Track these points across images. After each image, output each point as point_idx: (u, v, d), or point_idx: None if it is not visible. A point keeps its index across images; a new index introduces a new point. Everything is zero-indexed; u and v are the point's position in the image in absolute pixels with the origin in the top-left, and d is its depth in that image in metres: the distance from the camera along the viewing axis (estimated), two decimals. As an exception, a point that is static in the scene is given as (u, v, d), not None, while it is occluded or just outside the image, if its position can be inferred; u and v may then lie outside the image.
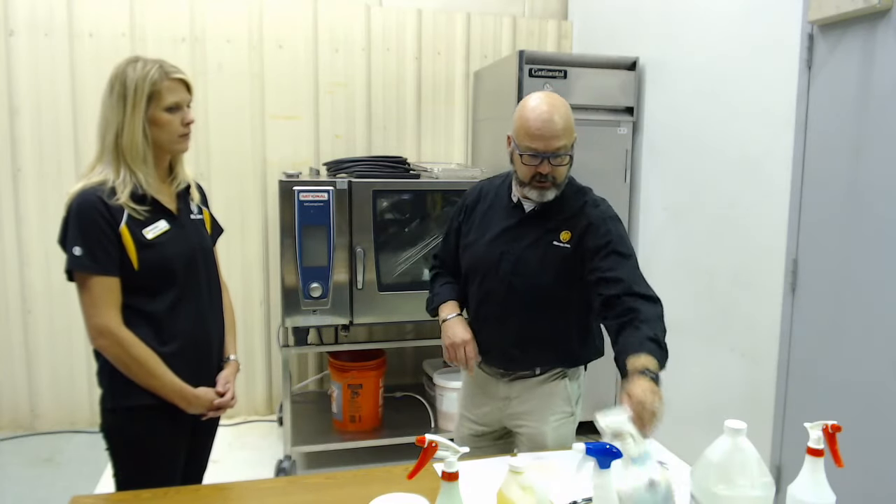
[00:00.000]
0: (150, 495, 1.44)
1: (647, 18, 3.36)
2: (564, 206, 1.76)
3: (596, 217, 1.73)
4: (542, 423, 1.84)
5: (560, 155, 1.66)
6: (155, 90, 1.55)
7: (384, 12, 3.79)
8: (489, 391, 1.91)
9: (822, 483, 1.15)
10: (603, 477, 1.19)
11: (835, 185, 2.22)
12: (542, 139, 1.64)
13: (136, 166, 1.55)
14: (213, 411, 1.67)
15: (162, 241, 1.58)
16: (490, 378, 1.90)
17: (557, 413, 1.86)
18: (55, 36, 3.38)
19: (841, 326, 2.20)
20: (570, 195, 1.78)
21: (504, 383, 1.87)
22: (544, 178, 1.68)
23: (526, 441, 1.86)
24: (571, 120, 1.69)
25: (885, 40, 2.03)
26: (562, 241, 1.73)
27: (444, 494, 1.13)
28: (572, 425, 1.90)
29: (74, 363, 3.56)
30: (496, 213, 1.84)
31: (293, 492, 1.52)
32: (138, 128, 1.54)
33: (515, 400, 1.86)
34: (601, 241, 1.68)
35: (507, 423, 1.91)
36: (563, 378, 1.86)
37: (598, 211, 1.75)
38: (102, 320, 1.51)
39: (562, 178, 1.72)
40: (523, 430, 1.87)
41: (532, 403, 1.85)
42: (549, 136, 1.64)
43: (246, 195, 3.67)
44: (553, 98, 1.69)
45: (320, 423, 3.36)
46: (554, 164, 1.66)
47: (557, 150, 1.65)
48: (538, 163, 1.66)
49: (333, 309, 3.01)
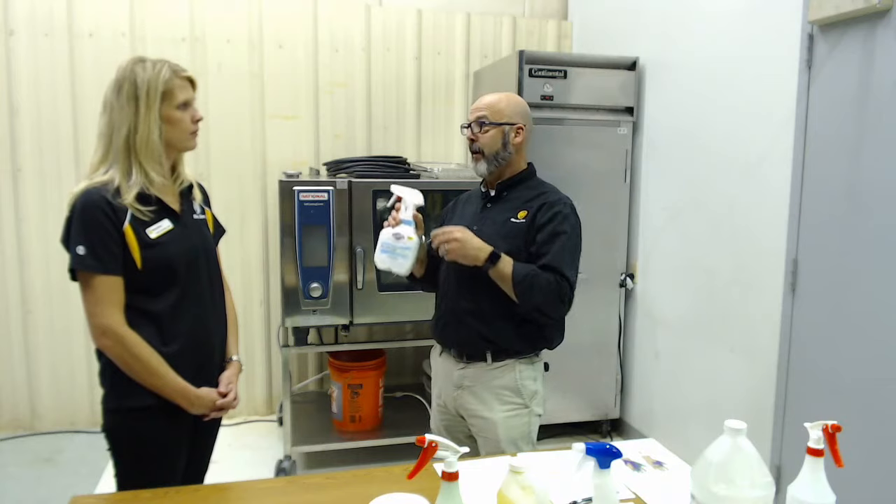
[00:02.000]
0: (150, 495, 1.44)
1: (646, 18, 3.37)
2: (524, 192, 1.95)
3: (551, 199, 1.91)
4: (492, 412, 1.90)
5: (482, 123, 1.90)
6: (168, 88, 1.56)
7: (384, 12, 3.79)
8: (447, 379, 2.00)
9: (822, 483, 1.15)
10: (603, 477, 1.19)
11: (835, 184, 2.22)
12: (472, 111, 1.95)
13: (149, 165, 1.55)
14: (215, 412, 1.67)
15: (165, 240, 1.58)
16: (448, 365, 2.00)
17: (507, 404, 1.91)
18: (55, 36, 3.38)
19: (841, 326, 2.21)
20: (532, 186, 1.97)
21: (458, 370, 1.95)
22: (473, 146, 1.93)
23: (477, 430, 1.95)
24: (509, 105, 1.92)
25: (885, 40, 2.03)
26: (518, 218, 1.90)
27: (444, 494, 1.13)
28: (525, 419, 1.93)
29: (74, 363, 3.56)
30: (471, 204, 2.06)
31: (293, 492, 1.51)
32: (154, 126, 1.55)
33: (468, 389, 1.94)
34: (546, 218, 1.86)
35: (462, 412, 1.98)
36: (513, 368, 1.92)
37: (555, 196, 1.93)
38: (105, 320, 1.51)
39: (488, 149, 1.90)
40: (474, 419, 1.94)
41: (482, 394, 1.92)
42: (475, 108, 1.93)
43: (246, 195, 3.67)
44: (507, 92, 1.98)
45: (320, 423, 3.36)
46: (477, 131, 1.90)
47: (479, 119, 1.90)
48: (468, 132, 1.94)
49: (333, 309, 3.01)
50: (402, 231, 1.81)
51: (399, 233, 1.81)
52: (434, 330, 2.04)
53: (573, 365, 3.37)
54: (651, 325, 3.37)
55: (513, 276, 1.79)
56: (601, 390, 3.56)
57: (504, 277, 1.79)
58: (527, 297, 1.80)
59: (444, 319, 1.98)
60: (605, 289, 3.46)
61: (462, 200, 2.13)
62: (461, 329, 1.92)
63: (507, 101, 1.93)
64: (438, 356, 2.06)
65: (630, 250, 3.47)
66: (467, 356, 1.94)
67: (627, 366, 3.57)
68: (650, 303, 3.38)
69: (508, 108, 1.91)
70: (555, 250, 1.83)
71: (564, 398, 3.45)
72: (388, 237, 1.82)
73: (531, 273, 1.79)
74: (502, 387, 1.91)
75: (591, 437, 3.54)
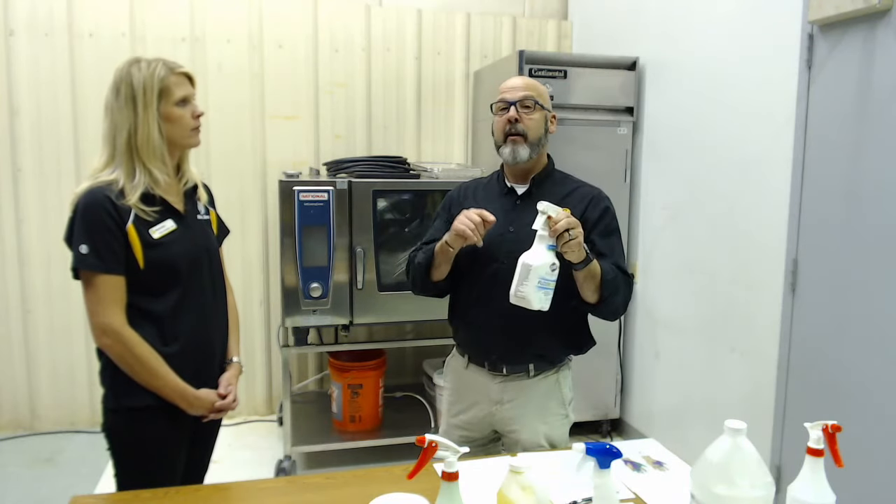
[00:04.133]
0: (150, 495, 1.44)
1: (646, 18, 3.37)
2: (556, 188, 1.81)
3: (595, 193, 1.82)
4: (536, 426, 1.80)
5: (527, 104, 1.75)
6: (164, 86, 1.56)
7: (384, 12, 3.79)
8: (480, 393, 1.85)
9: (822, 483, 1.15)
10: (603, 477, 1.19)
11: (835, 184, 2.22)
12: (510, 90, 1.78)
13: (152, 165, 1.55)
14: (214, 413, 1.66)
15: (168, 240, 1.58)
16: (480, 379, 1.85)
17: (551, 415, 1.83)
18: (55, 36, 3.38)
19: (841, 326, 2.21)
20: (559, 180, 1.85)
21: (496, 384, 1.82)
22: (515, 128, 1.75)
23: (521, 445, 1.80)
24: (540, 87, 1.80)
25: (886, 40, 2.03)
26: None
27: (444, 494, 1.13)
28: (566, 427, 1.88)
29: (74, 363, 3.56)
30: (490, 201, 1.83)
31: (293, 492, 1.51)
32: (153, 126, 1.54)
33: (509, 404, 1.81)
34: (598, 215, 1.77)
35: (500, 428, 1.86)
36: (556, 379, 1.84)
37: (594, 190, 1.83)
38: (106, 319, 1.51)
39: (534, 134, 1.76)
40: (518, 435, 1.81)
41: (527, 407, 1.81)
42: (516, 87, 1.77)
43: (246, 195, 3.67)
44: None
45: (320, 423, 3.36)
46: (522, 112, 1.75)
47: (524, 99, 1.75)
48: (507, 110, 1.76)
49: (333, 309, 3.01)
50: (556, 260, 1.56)
51: (555, 263, 1.55)
52: (463, 340, 1.89)
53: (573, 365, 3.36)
54: (651, 325, 3.37)
55: (603, 275, 1.64)
56: (601, 390, 3.56)
57: (595, 276, 1.64)
58: (612, 298, 1.68)
59: (480, 330, 1.80)
60: (605, 289, 3.45)
61: (471, 193, 1.91)
62: (502, 340, 1.77)
63: (536, 83, 1.80)
64: (464, 369, 1.88)
65: (630, 250, 3.46)
66: (508, 370, 1.80)
67: (627, 366, 3.57)
68: (650, 303, 3.37)
69: (546, 95, 1.81)
70: (616, 249, 1.75)
71: (564, 398, 3.44)
72: (546, 271, 1.54)
73: (616, 272, 1.69)
74: (546, 397, 1.82)
75: (592, 437, 3.53)
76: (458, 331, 1.90)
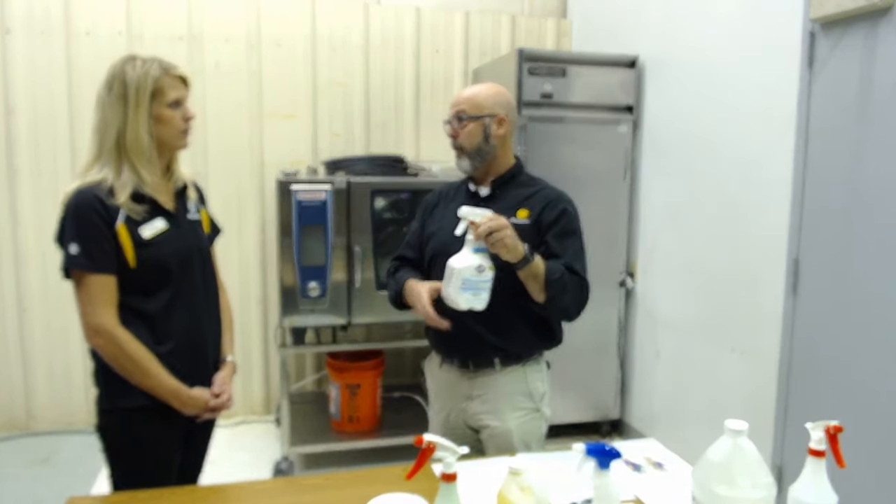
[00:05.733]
0: (146, 496, 1.43)
1: (646, 16, 3.36)
2: (519, 190, 1.86)
3: (552, 196, 1.84)
4: (505, 420, 1.83)
5: (461, 118, 1.81)
6: (157, 87, 1.55)
7: (382, 10, 3.78)
8: (453, 392, 1.90)
9: (823, 484, 1.14)
10: (603, 477, 1.18)
11: (836, 183, 2.22)
12: (451, 107, 1.86)
13: (140, 164, 1.54)
14: (207, 412, 1.65)
15: (159, 240, 1.57)
16: (452, 377, 1.90)
17: (519, 409, 1.85)
18: (52, 34, 3.37)
19: (843, 326, 2.20)
20: (524, 182, 1.89)
21: (466, 380, 1.87)
22: (455, 143, 1.85)
23: (491, 439, 1.85)
24: (488, 96, 1.82)
25: (887, 38, 2.02)
26: (519, 219, 1.79)
27: (443, 495, 1.12)
28: (538, 422, 1.89)
29: (71, 363, 3.54)
30: (456, 204, 1.86)
31: (291, 493, 1.51)
32: (143, 125, 1.53)
33: (478, 399, 1.86)
34: (554, 217, 1.80)
35: (472, 423, 1.89)
36: (522, 372, 1.86)
37: (554, 192, 1.86)
38: (98, 319, 1.50)
39: (469, 145, 1.82)
40: (487, 430, 1.86)
41: (494, 402, 1.84)
42: (454, 103, 1.85)
43: (243, 194, 3.66)
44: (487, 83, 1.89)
45: (318, 423, 3.35)
46: (456, 126, 1.83)
47: (458, 113, 1.82)
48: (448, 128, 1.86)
49: (331, 308, 3.00)
50: (483, 262, 1.62)
51: (482, 265, 1.62)
52: (433, 341, 1.94)
53: (573, 365, 3.36)
54: (651, 324, 3.36)
55: (547, 275, 1.68)
56: (601, 391, 3.55)
57: (538, 275, 1.67)
58: (558, 298, 1.71)
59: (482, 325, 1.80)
60: (605, 288, 3.44)
61: (443, 196, 1.99)
62: (468, 338, 1.80)
63: (486, 92, 1.83)
64: (438, 368, 1.94)
65: (630, 249, 3.45)
66: (474, 365, 1.84)
67: (628, 366, 3.56)
68: (650, 302, 3.36)
69: (488, 100, 1.81)
70: (570, 251, 1.77)
71: (564, 399, 3.43)
72: (471, 273, 1.62)
73: (563, 272, 1.71)
74: (514, 392, 1.84)
75: (592, 437, 3.53)
76: (428, 331, 1.94)
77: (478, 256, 1.62)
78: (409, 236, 2.02)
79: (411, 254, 1.99)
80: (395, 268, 2.01)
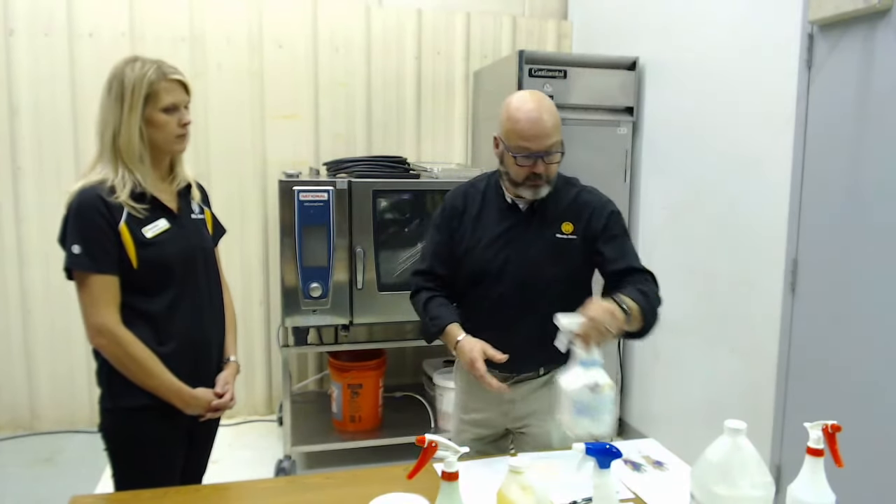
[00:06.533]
0: (149, 495, 1.44)
1: (646, 18, 3.36)
2: (558, 200, 1.77)
3: (595, 202, 1.77)
4: (546, 421, 1.80)
5: (553, 153, 1.66)
6: (152, 91, 1.54)
7: (384, 12, 3.79)
8: (492, 395, 1.80)
9: (822, 483, 1.15)
10: (603, 477, 1.19)
11: (835, 184, 2.22)
12: (535, 139, 1.63)
13: (133, 166, 1.55)
14: (210, 412, 1.66)
15: (161, 239, 1.57)
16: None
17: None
18: (55, 36, 3.38)
19: (841, 326, 2.20)
20: (560, 187, 1.78)
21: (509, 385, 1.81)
22: (539, 177, 1.68)
23: (531, 441, 1.83)
24: (558, 116, 1.69)
25: (885, 40, 2.03)
26: (565, 234, 1.74)
27: (444, 494, 1.13)
28: None
29: (74, 363, 3.55)
30: (490, 217, 1.79)
31: (293, 492, 1.51)
32: (135, 128, 1.53)
33: (520, 402, 1.84)
34: (603, 224, 1.73)
35: (511, 426, 1.88)
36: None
37: (593, 196, 1.79)
38: (101, 319, 1.51)
39: (554, 175, 1.73)
40: (529, 431, 1.84)
41: (538, 404, 1.82)
42: (542, 136, 1.63)
43: (246, 195, 3.67)
44: (537, 95, 1.69)
45: (320, 423, 3.36)
46: (548, 161, 1.67)
47: (550, 149, 1.65)
48: (532, 163, 1.65)
49: (333, 309, 3.00)
50: (598, 378, 1.40)
51: (597, 382, 1.38)
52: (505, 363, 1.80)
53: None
54: (651, 325, 3.37)
55: (643, 313, 1.59)
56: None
57: (637, 319, 1.58)
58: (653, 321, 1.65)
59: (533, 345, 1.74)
60: (605, 289, 3.45)
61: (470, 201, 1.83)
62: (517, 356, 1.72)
63: (555, 112, 1.68)
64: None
65: (630, 250, 3.45)
66: (518, 373, 1.81)
67: (627, 366, 3.57)
68: (650, 303, 3.37)
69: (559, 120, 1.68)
70: (628, 252, 1.74)
71: (564, 398, 3.44)
72: (584, 395, 1.38)
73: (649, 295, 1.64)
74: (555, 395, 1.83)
75: (591, 437, 3.53)
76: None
77: (590, 373, 1.40)
78: (436, 247, 1.87)
79: (441, 269, 1.85)
80: (420, 286, 1.89)
